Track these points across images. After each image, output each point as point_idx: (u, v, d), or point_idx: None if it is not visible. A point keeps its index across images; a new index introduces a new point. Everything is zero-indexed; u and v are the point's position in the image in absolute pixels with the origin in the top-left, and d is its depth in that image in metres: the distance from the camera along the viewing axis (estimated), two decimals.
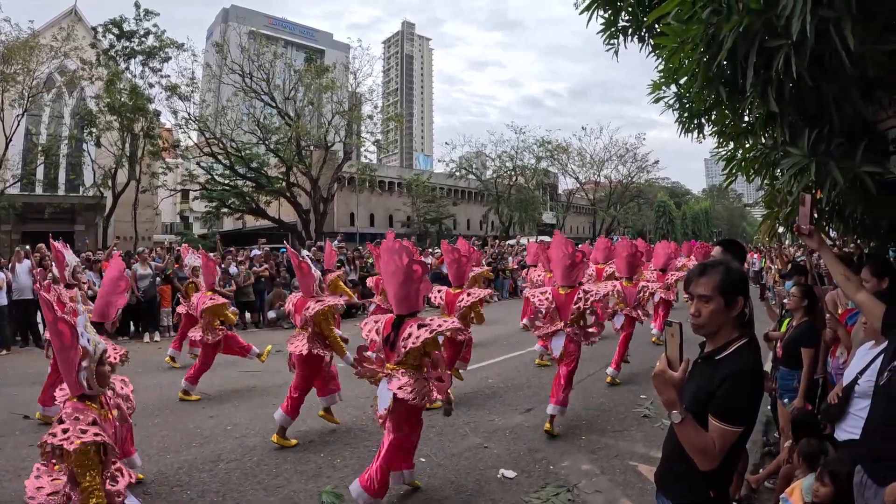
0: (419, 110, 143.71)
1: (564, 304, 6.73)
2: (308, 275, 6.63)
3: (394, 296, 4.81)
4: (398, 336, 4.65)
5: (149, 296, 13.32)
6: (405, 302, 4.76)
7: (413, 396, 4.43)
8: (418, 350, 4.59)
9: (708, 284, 2.32)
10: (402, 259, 4.67)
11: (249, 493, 5.03)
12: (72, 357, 3.21)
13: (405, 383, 4.46)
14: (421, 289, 4.78)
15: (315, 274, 6.69)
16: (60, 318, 3.18)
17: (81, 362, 3.21)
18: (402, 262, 4.67)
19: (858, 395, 3.30)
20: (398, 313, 4.80)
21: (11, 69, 24.39)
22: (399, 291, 4.75)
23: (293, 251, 7.27)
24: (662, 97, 4.95)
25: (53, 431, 3.05)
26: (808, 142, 3.51)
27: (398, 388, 4.44)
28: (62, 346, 3.21)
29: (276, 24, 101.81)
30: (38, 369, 9.29)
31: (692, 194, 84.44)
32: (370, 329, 4.93)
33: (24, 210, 29.08)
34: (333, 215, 41.52)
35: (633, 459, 5.73)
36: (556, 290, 6.92)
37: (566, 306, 6.70)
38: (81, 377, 3.21)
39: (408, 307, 4.77)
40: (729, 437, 2.16)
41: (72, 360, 3.21)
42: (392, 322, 4.78)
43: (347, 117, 32.92)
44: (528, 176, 47.11)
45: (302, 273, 6.68)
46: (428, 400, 4.60)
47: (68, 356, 3.21)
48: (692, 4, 3.30)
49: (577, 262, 6.81)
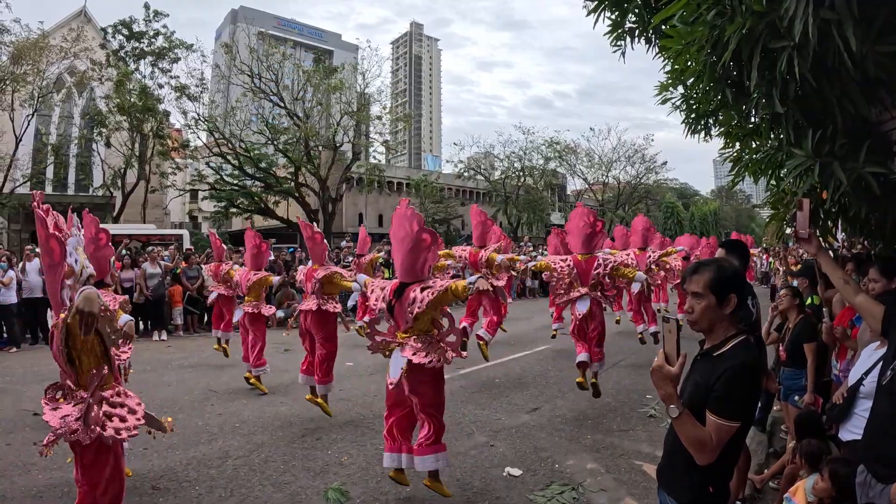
0: (427, 111, 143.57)
1: (585, 270, 7.15)
2: (320, 244, 7.12)
3: (401, 263, 4.81)
4: (402, 302, 4.65)
5: (157, 294, 13.40)
6: (411, 270, 4.76)
7: (429, 360, 4.47)
8: (426, 314, 4.61)
9: (699, 282, 2.37)
10: (413, 226, 4.68)
11: (257, 488, 5.08)
12: (58, 274, 3.28)
13: (418, 349, 4.51)
14: (428, 258, 4.79)
15: (326, 244, 7.28)
16: (52, 235, 3.25)
17: (65, 280, 3.28)
18: (411, 230, 4.67)
19: (863, 396, 3.30)
20: (402, 280, 4.80)
21: (22, 69, 24.52)
22: (406, 259, 4.75)
23: (306, 223, 7.50)
24: (669, 98, 4.97)
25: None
26: (811, 143, 3.53)
27: (413, 355, 4.47)
28: (51, 263, 3.28)
29: (284, 25, 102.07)
30: (46, 367, 9.37)
31: (701, 195, 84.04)
32: (376, 297, 4.98)
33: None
34: (342, 215, 41.54)
35: (638, 459, 5.77)
36: (575, 257, 7.30)
37: (587, 272, 7.14)
38: (65, 294, 3.27)
39: (413, 275, 4.76)
40: (725, 431, 2.19)
41: (57, 277, 3.28)
42: (395, 289, 4.79)
43: (356, 118, 32.89)
44: (536, 177, 46.89)
45: (314, 243, 7.12)
46: (445, 360, 4.62)
47: (55, 274, 3.28)
48: (697, 6, 3.32)
49: (597, 231, 7.24)
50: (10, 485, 5.12)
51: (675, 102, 4.98)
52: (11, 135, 25.54)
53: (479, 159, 48.35)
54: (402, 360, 4.53)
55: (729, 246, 4.42)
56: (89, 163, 31.95)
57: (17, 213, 27.29)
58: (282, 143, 32.11)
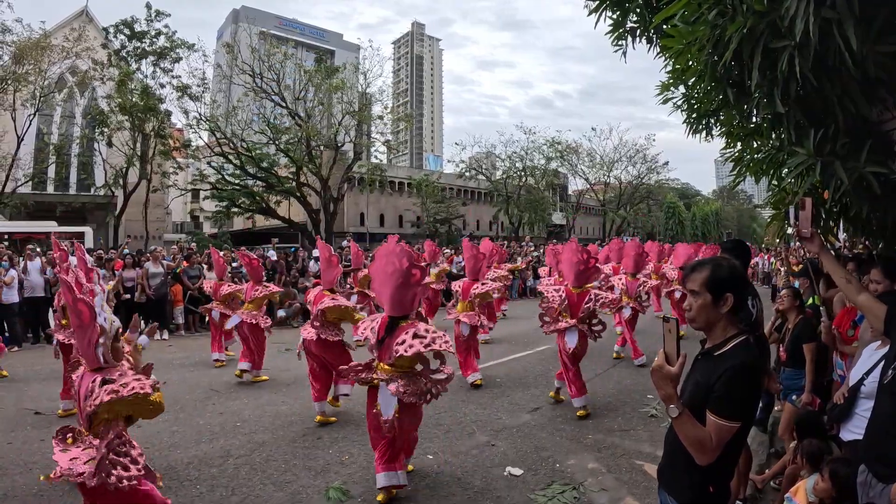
0: (429, 110, 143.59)
1: (576, 302, 7.24)
2: (335, 268, 7.29)
3: (390, 297, 4.89)
4: (392, 338, 4.76)
5: (159, 294, 13.41)
6: (400, 305, 4.88)
7: (415, 399, 4.63)
8: (410, 358, 4.71)
9: (697, 280, 2.41)
10: (403, 262, 4.79)
11: (258, 488, 5.08)
12: (90, 335, 3.40)
13: (403, 384, 4.62)
14: (417, 293, 4.93)
15: (341, 268, 7.42)
16: (80, 299, 3.38)
17: (99, 339, 3.40)
18: (401, 266, 4.78)
19: (864, 396, 3.30)
20: (391, 315, 4.91)
21: (24, 69, 24.52)
22: (395, 294, 4.85)
23: (324, 243, 7.72)
24: (671, 98, 4.97)
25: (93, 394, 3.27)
26: (813, 142, 3.53)
27: (401, 392, 4.59)
28: (81, 325, 3.41)
29: (286, 25, 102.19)
30: (47, 366, 9.41)
31: (702, 196, 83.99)
32: (365, 327, 5.12)
33: (36, 209, 29.29)
34: (343, 215, 41.58)
35: (638, 458, 5.77)
36: (568, 289, 7.41)
37: (578, 305, 7.22)
38: (99, 352, 3.41)
39: (402, 310, 4.90)
40: (726, 431, 2.20)
41: (91, 338, 3.40)
42: (386, 325, 4.89)
43: (357, 118, 32.90)
44: (537, 176, 46.90)
45: (329, 265, 7.28)
46: (433, 395, 4.78)
47: (86, 333, 3.40)
48: (698, 6, 3.32)
49: (589, 268, 7.38)
50: (11, 483, 5.14)
51: (677, 102, 4.98)
52: (13, 134, 25.55)
53: (480, 159, 48.39)
54: (392, 398, 4.64)
55: (728, 248, 4.44)
56: (91, 162, 31.92)
57: (19, 213, 27.28)
58: (283, 143, 32.13)
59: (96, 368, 3.42)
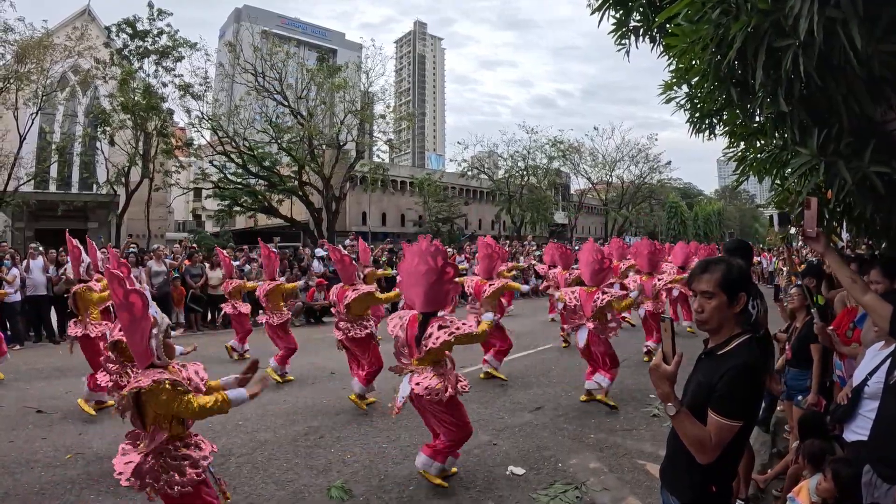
0: (431, 110, 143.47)
1: (586, 301, 7.49)
2: (350, 265, 7.64)
3: (423, 295, 5.03)
4: (423, 334, 4.92)
5: (162, 292, 13.40)
6: (434, 301, 5.04)
7: (427, 393, 4.73)
8: (438, 349, 4.83)
9: (710, 281, 2.36)
10: (438, 261, 4.95)
11: (260, 486, 5.08)
12: (143, 327, 3.35)
13: (423, 378, 4.79)
14: (451, 289, 5.11)
15: (355, 265, 7.64)
16: (132, 291, 3.33)
17: (152, 330, 3.36)
18: (436, 265, 4.95)
19: (868, 397, 3.29)
20: (423, 311, 5.05)
21: (25, 68, 24.48)
22: (429, 292, 5.00)
23: (332, 246, 7.87)
24: (674, 97, 4.96)
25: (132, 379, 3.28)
26: (816, 142, 3.51)
27: (415, 384, 4.77)
28: (133, 319, 3.34)
29: (288, 24, 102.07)
30: (49, 364, 9.43)
31: (705, 195, 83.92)
32: (395, 325, 5.23)
33: (38, 208, 29.33)
34: (345, 214, 41.59)
35: (641, 458, 5.76)
36: (581, 289, 7.71)
37: (588, 303, 7.46)
38: (153, 344, 3.37)
39: (435, 306, 5.06)
40: (726, 430, 2.19)
41: (144, 330, 3.35)
42: (419, 321, 5.03)
43: (359, 117, 32.89)
44: (539, 176, 46.88)
45: (343, 265, 7.62)
46: (457, 391, 4.91)
47: (140, 326, 3.35)
48: (702, 5, 3.31)
49: (604, 267, 7.60)
50: (13, 481, 5.14)
51: (680, 101, 4.98)
52: (15, 133, 25.51)
53: (482, 158, 48.34)
54: (407, 387, 4.85)
55: (731, 248, 4.43)
56: (93, 161, 31.88)
57: (21, 212, 27.30)
58: (285, 142, 32.11)
59: (150, 365, 3.38)
